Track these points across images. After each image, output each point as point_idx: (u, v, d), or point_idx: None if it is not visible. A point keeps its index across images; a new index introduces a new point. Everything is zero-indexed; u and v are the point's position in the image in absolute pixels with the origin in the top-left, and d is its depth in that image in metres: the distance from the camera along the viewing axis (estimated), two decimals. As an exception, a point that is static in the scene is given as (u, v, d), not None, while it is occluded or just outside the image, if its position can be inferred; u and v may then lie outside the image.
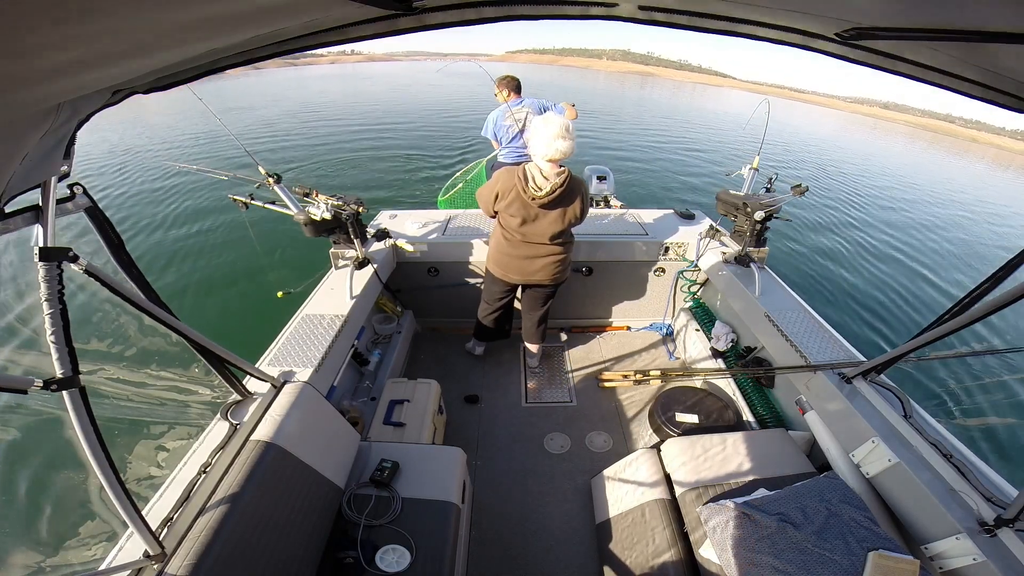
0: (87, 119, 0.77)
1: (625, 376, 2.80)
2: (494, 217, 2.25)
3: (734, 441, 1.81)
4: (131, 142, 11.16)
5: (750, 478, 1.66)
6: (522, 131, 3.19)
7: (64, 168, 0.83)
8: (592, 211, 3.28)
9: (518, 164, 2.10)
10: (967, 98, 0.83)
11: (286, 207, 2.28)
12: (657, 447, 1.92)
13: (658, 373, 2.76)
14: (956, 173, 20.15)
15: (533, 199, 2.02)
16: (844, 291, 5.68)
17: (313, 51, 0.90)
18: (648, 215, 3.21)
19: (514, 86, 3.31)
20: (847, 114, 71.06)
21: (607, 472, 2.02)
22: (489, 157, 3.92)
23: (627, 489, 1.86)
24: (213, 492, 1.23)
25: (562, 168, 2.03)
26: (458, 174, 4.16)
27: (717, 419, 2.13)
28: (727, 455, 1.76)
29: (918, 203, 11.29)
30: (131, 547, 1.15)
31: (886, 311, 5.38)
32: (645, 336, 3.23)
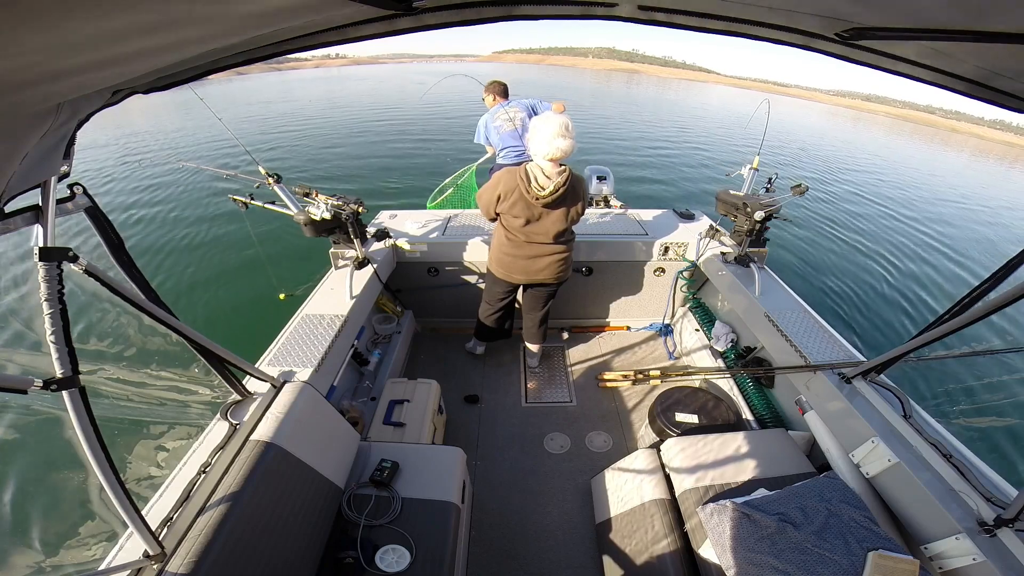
0: (87, 119, 0.77)
1: (625, 376, 2.80)
2: (494, 220, 2.25)
3: (734, 441, 1.81)
4: (128, 141, 11.17)
5: (750, 478, 1.66)
6: (512, 132, 3.18)
7: (64, 168, 0.83)
8: (592, 211, 3.28)
9: (518, 164, 2.09)
10: (967, 98, 0.83)
11: (286, 207, 2.28)
12: (657, 447, 1.92)
13: (658, 373, 2.76)
14: (940, 164, 20.57)
15: (537, 199, 2.02)
16: (843, 290, 5.69)
17: (297, 55, 0.90)
18: (648, 215, 3.21)
19: (501, 90, 3.31)
20: (830, 107, 71.53)
21: (607, 472, 2.02)
22: (480, 162, 3.90)
23: (627, 489, 1.86)
24: (213, 492, 1.23)
25: (563, 167, 2.03)
26: (446, 181, 4.10)
27: (717, 419, 2.13)
28: (727, 455, 1.76)
29: (909, 196, 11.43)
30: (131, 547, 1.15)
31: (887, 310, 5.38)
32: (645, 336, 3.23)
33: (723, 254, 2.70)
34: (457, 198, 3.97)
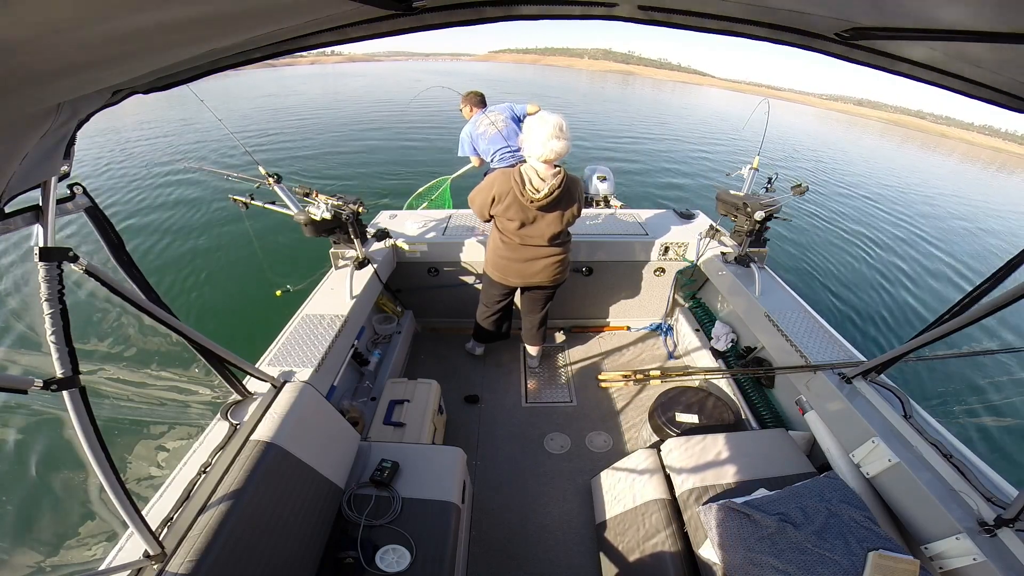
0: (87, 119, 0.77)
1: (625, 376, 2.80)
2: (488, 221, 2.24)
3: (734, 441, 1.81)
4: (128, 141, 11.18)
5: (750, 478, 1.66)
6: (500, 133, 3.17)
7: (64, 168, 0.83)
8: (592, 211, 3.28)
9: (514, 166, 2.08)
10: (967, 98, 0.83)
11: (286, 207, 2.28)
12: (657, 447, 1.92)
13: (658, 373, 2.76)
14: (934, 170, 20.86)
15: (532, 201, 2.00)
16: (842, 290, 5.69)
17: (291, 53, 0.89)
18: (648, 215, 3.21)
19: (477, 101, 3.29)
20: (823, 111, 72.17)
21: (607, 472, 2.02)
22: (457, 175, 3.86)
23: (627, 489, 1.86)
24: (213, 492, 1.23)
25: (557, 168, 2.01)
26: (420, 190, 4.05)
27: (717, 419, 2.13)
28: (727, 455, 1.75)
29: (906, 199, 11.52)
30: (131, 547, 1.15)
31: (884, 310, 5.38)
32: (645, 336, 3.23)
33: (723, 254, 2.70)
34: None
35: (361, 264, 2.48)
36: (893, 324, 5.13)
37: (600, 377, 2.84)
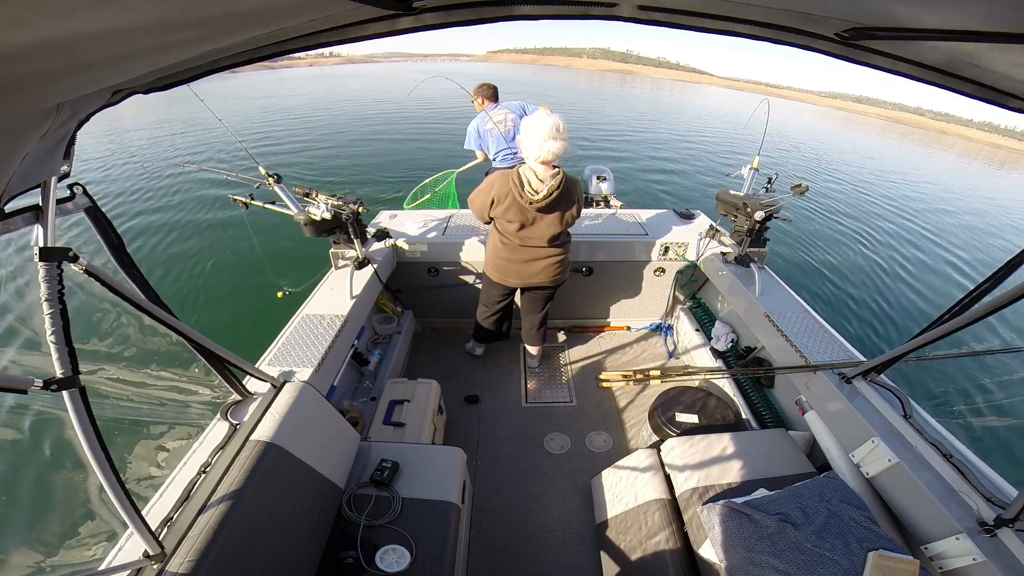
0: (87, 119, 0.77)
1: (625, 376, 2.80)
2: (488, 223, 2.24)
3: (734, 441, 1.81)
4: (129, 141, 11.19)
5: (750, 478, 1.66)
6: (506, 134, 3.16)
7: (64, 168, 0.83)
8: (592, 211, 3.28)
9: (513, 167, 2.08)
10: (967, 98, 0.83)
11: (286, 207, 2.28)
12: (657, 446, 1.92)
13: (658, 373, 2.76)
14: (935, 166, 20.98)
15: (531, 203, 2.00)
16: (842, 290, 5.69)
17: (291, 53, 0.89)
18: (648, 215, 3.20)
19: (490, 94, 3.26)
20: (822, 108, 72.06)
21: (607, 472, 2.02)
22: (463, 169, 3.85)
23: (627, 489, 1.86)
24: (213, 492, 1.23)
25: (556, 169, 2.00)
26: (426, 181, 4.04)
27: (717, 419, 2.13)
28: (727, 455, 1.76)
29: (904, 196, 11.57)
30: (131, 547, 1.15)
31: (885, 310, 5.38)
32: (645, 336, 3.23)
33: (723, 254, 2.70)
34: (434, 205, 3.89)
35: (361, 264, 2.48)
36: (895, 314, 5.15)
37: (600, 377, 2.84)
